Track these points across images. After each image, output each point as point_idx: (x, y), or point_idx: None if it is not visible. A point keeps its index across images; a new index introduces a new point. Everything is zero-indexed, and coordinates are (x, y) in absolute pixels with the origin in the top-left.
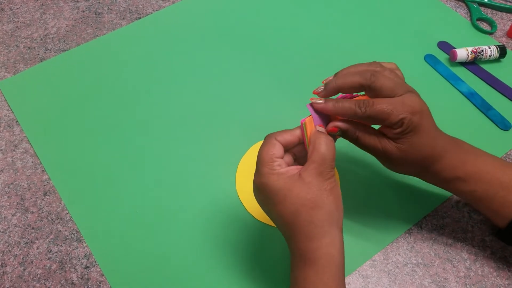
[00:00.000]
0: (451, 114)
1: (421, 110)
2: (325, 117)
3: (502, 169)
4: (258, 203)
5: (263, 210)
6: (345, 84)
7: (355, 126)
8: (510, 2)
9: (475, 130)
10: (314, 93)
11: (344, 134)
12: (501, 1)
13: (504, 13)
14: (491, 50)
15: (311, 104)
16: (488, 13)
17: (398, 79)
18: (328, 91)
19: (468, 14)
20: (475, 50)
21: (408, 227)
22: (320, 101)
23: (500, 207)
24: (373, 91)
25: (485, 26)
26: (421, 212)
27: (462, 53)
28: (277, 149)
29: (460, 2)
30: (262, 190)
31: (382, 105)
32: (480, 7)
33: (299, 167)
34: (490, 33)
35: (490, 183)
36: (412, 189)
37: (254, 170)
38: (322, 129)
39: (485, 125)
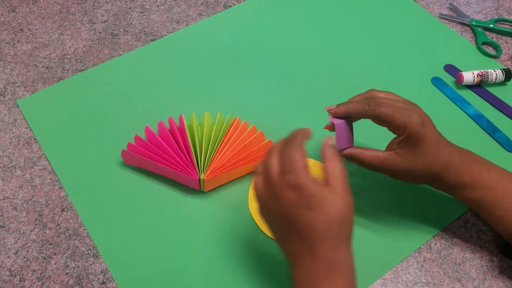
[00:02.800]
0: (458, 136)
1: (422, 120)
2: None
3: (508, 178)
4: (280, 201)
5: (280, 211)
6: (348, 109)
7: (360, 150)
8: None
9: (481, 151)
10: (326, 108)
11: (351, 159)
12: (505, 25)
13: (509, 38)
14: (496, 74)
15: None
16: (493, 37)
17: (396, 102)
18: (338, 110)
19: (474, 38)
20: (481, 74)
21: (417, 246)
22: (332, 106)
23: (506, 213)
24: (376, 118)
25: (490, 50)
26: (430, 232)
27: (468, 76)
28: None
29: (465, 27)
30: (297, 191)
31: (388, 109)
32: (485, 32)
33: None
34: (495, 57)
35: (497, 191)
36: (421, 209)
37: None
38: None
39: (492, 146)
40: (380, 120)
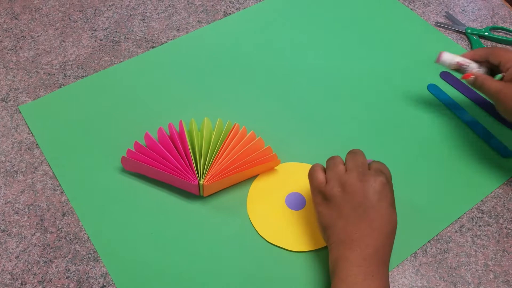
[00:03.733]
0: (454, 142)
1: None
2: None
3: None
4: (367, 187)
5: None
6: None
7: (484, 76)
8: (509, 34)
9: (477, 157)
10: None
11: (474, 82)
12: (500, 33)
13: (504, 45)
14: (478, 71)
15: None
16: (488, 45)
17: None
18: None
19: (469, 46)
20: (461, 63)
21: (413, 250)
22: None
23: None
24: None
25: None
26: (426, 236)
27: (447, 58)
28: None
29: (461, 35)
30: (385, 187)
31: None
32: (481, 39)
33: None
34: None
35: None
36: (417, 214)
37: (266, 195)
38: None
39: (487, 152)
40: (495, 56)
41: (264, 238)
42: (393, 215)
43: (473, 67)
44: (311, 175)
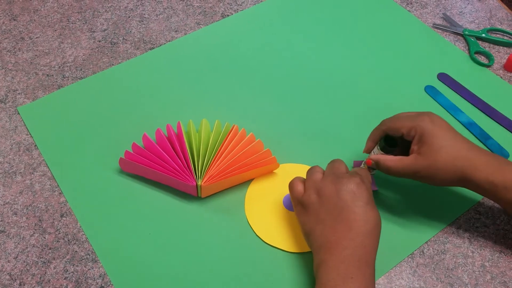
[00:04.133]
0: None
1: (431, 119)
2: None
3: None
4: (340, 188)
5: (347, 203)
6: (373, 140)
7: (386, 158)
8: (507, 36)
9: None
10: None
11: (377, 165)
12: (498, 35)
13: (501, 47)
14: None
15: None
16: (485, 46)
17: (405, 114)
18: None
19: (467, 47)
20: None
21: (410, 251)
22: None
23: None
24: (390, 130)
25: (482, 59)
26: (423, 237)
27: (357, 165)
28: None
29: (458, 36)
30: (360, 186)
31: (397, 119)
32: (478, 41)
33: None
34: (487, 66)
35: None
36: (414, 215)
37: (264, 197)
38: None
39: None
40: (394, 130)
41: (261, 239)
42: (370, 213)
43: (375, 152)
44: (291, 187)
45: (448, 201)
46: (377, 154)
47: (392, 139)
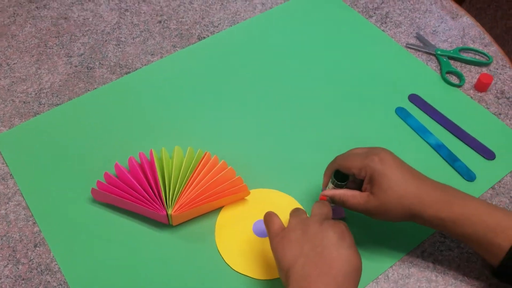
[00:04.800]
0: (419, 166)
1: (380, 159)
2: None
3: (488, 212)
4: (323, 235)
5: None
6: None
7: (340, 193)
8: (478, 55)
9: (441, 181)
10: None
11: (333, 201)
12: (469, 54)
13: (472, 66)
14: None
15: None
16: (457, 66)
17: (355, 151)
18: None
19: (439, 67)
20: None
21: (375, 276)
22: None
23: (490, 247)
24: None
25: (454, 79)
26: (388, 262)
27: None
28: None
29: (431, 56)
30: (342, 234)
31: (345, 159)
32: (450, 60)
33: None
34: (458, 86)
35: (477, 226)
36: (379, 240)
37: (234, 223)
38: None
39: (451, 176)
40: (345, 169)
41: (230, 267)
42: (352, 256)
43: (330, 187)
44: (268, 221)
45: (414, 225)
46: (331, 189)
47: (343, 174)
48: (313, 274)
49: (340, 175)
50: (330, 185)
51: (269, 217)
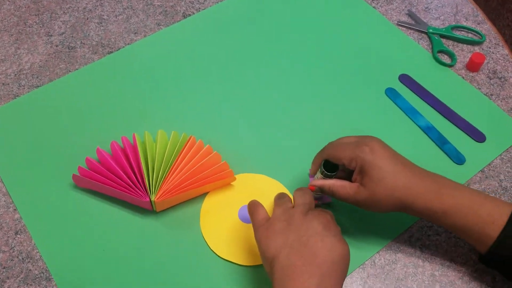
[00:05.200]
0: (408, 148)
1: (371, 149)
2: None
3: (480, 202)
4: (309, 225)
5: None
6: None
7: (330, 184)
8: (471, 33)
9: (430, 164)
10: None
11: (322, 191)
12: (462, 32)
13: (465, 45)
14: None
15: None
16: (449, 45)
17: (345, 140)
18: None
19: (430, 46)
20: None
21: (362, 262)
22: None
23: (480, 238)
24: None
25: (445, 58)
26: (375, 247)
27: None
28: None
29: (423, 34)
30: (327, 223)
31: (335, 149)
32: (442, 39)
33: None
34: (450, 66)
35: (468, 217)
36: (366, 225)
37: (219, 209)
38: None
39: (441, 159)
40: (336, 159)
41: (215, 253)
42: (338, 244)
43: (318, 176)
44: (253, 212)
45: None
46: (320, 180)
47: (333, 164)
48: (297, 264)
49: (329, 165)
50: (319, 174)
51: (253, 207)
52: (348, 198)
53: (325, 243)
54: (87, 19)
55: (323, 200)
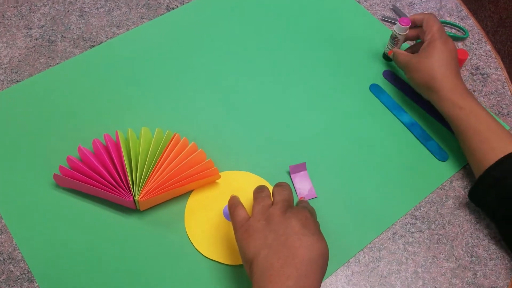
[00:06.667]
0: (392, 145)
1: (444, 42)
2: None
3: (495, 122)
4: (289, 222)
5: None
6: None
7: (398, 50)
8: (454, 28)
9: (413, 160)
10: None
11: (393, 56)
12: (445, 28)
13: None
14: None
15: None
16: None
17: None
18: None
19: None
20: (396, 35)
21: (346, 259)
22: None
23: (481, 146)
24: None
25: None
26: (358, 245)
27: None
28: None
29: None
30: (308, 220)
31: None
32: None
33: None
34: None
35: (481, 122)
36: (349, 223)
37: (204, 207)
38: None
39: (424, 156)
40: (425, 24)
41: (200, 252)
42: (316, 242)
43: (400, 39)
44: (233, 212)
45: (385, 206)
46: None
47: None
48: (275, 265)
49: None
50: (389, 43)
51: (233, 208)
52: (406, 57)
53: (303, 242)
54: (68, 11)
55: (309, 197)
